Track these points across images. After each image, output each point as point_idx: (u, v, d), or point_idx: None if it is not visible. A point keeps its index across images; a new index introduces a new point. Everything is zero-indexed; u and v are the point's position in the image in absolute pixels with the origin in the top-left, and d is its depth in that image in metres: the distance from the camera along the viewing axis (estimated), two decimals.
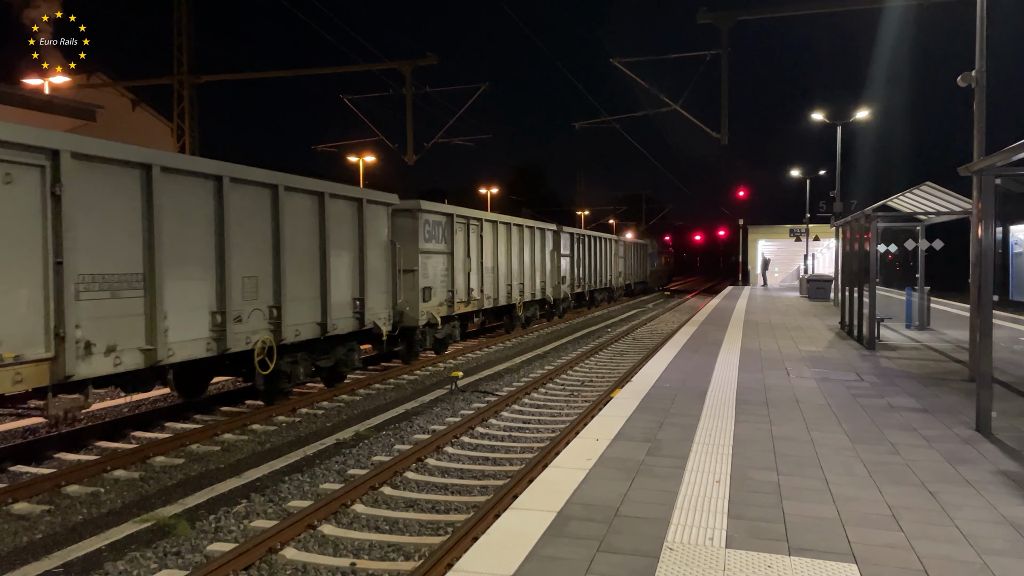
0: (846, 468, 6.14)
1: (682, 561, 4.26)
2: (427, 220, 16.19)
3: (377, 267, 13.78)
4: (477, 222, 19.30)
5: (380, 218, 13.99)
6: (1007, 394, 8.03)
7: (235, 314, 10.04)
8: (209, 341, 9.67)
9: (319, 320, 11.93)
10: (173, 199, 9.11)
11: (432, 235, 16.46)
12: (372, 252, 13.53)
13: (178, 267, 9.18)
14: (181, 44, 21.21)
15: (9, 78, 19.74)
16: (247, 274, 10.33)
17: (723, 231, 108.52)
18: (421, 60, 20.77)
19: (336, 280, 12.31)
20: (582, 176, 71.99)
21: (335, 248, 12.30)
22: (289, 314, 11.05)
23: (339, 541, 6.37)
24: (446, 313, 16.97)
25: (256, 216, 10.59)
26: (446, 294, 17.08)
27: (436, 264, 16.60)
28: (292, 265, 11.18)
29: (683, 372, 11.16)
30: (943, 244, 17.60)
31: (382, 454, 9.15)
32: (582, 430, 7.48)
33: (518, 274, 22.42)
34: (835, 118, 32.03)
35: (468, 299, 18.39)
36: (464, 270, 18.23)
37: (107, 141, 8.49)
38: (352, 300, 12.92)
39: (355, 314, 13.01)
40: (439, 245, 16.81)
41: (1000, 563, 4.25)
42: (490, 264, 20.06)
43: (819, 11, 16.44)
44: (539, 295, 24.67)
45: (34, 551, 6.14)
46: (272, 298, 10.82)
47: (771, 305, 27.84)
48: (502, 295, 21.05)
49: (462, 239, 18.15)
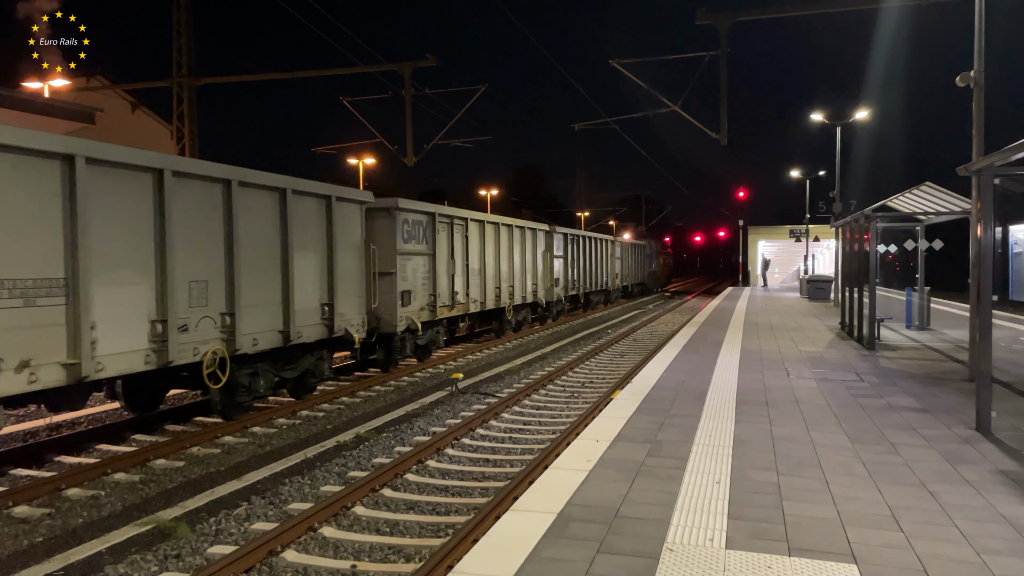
0: (846, 468, 6.14)
1: (682, 562, 4.26)
2: (406, 219, 15.28)
3: (349, 270, 12.95)
4: (462, 222, 18.38)
5: (352, 217, 13.13)
6: (1007, 394, 8.03)
7: (180, 322, 9.16)
8: (148, 353, 8.76)
9: (281, 328, 11.08)
10: (103, 195, 8.22)
11: (412, 235, 15.54)
12: (343, 254, 12.72)
13: (110, 271, 8.30)
14: (181, 47, 21.23)
15: (9, 82, 19.78)
16: (195, 278, 9.47)
17: (723, 232, 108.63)
18: (420, 62, 20.78)
19: (301, 284, 11.49)
20: (582, 177, 71.87)
21: (300, 249, 11.49)
22: (245, 322, 10.19)
23: (340, 543, 6.37)
24: (428, 318, 16.10)
25: (206, 214, 9.72)
26: (428, 298, 16.19)
27: (416, 266, 15.73)
28: (249, 268, 10.32)
29: (683, 373, 11.16)
30: (943, 244, 17.62)
31: (382, 456, 9.15)
32: (582, 431, 7.49)
33: (507, 276, 21.52)
34: (834, 119, 32.08)
35: (452, 303, 17.48)
36: (448, 272, 17.34)
37: (21, 129, 7.60)
38: (320, 306, 12.08)
39: (324, 321, 12.15)
40: (420, 246, 15.92)
41: (1000, 563, 4.25)
42: (477, 266, 19.18)
43: (818, 11, 16.45)
44: (530, 298, 23.80)
45: (34, 554, 6.14)
46: (225, 304, 9.94)
47: (771, 306, 27.84)
48: (490, 298, 20.15)
49: (445, 239, 17.26)
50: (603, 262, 35.22)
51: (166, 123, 27.01)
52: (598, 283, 34.30)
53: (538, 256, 24.70)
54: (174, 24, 21.19)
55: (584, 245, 31.29)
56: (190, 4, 21.35)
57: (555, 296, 26.43)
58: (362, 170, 37.49)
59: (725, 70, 16.46)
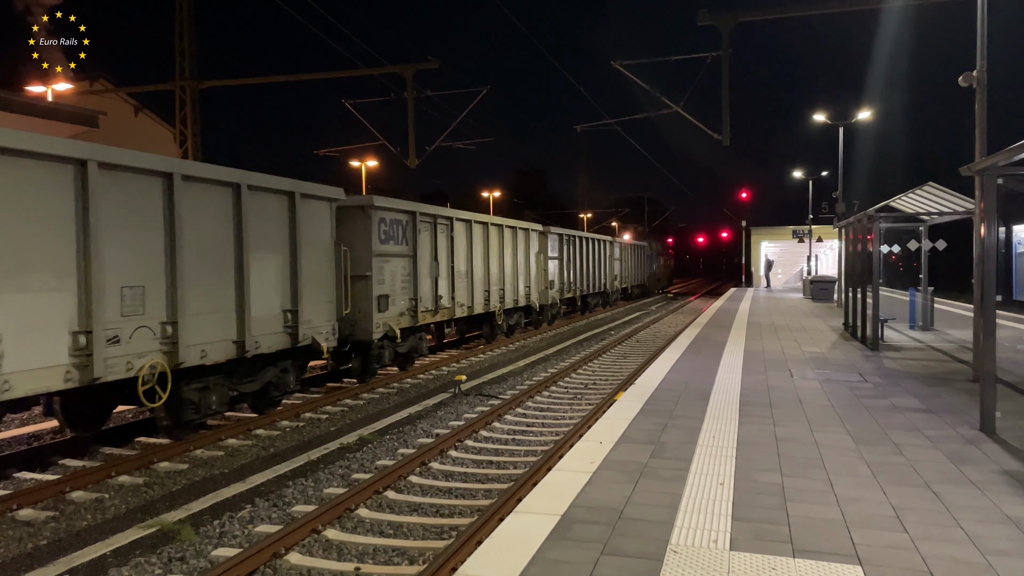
0: (850, 469, 6.13)
1: (686, 563, 4.25)
2: (383, 219, 14.25)
3: (317, 273, 11.97)
4: (446, 221, 17.28)
5: (321, 216, 12.14)
6: (1011, 394, 8.01)
7: (109, 334, 8.17)
8: (69, 369, 7.75)
9: (236, 337, 10.12)
10: (8, 190, 7.29)
11: (390, 236, 14.53)
12: (310, 256, 11.75)
13: (18, 275, 7.33)
14: (183, 50, 21.28)
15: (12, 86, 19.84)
16: (129, 283, 8.50)
17: (726, 233, 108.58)
18: (422, 64, 20.79)
19: (259, 289, 10.50)
20: (584, 178, 71.87)
21: (258, 251, 10.52)
22: (191, 331, 9.22)
23: (343, 545, 6.38)
24: (409, 324, 15.18)
25: (142, 211, 8.75)
26: (408, 303, 15.20)
27: (395, 269, 14.72)
28: (195, 272, 9.38)
29: (687, 374, 11.15)
30: (946, 244, 17.60)
31: (386, 458, 9.15)
32: (586, 433, 7.49)
33: (497, 279, 20.53)
34: (837, 119, 32.03)
35: (436, 307, 16.46)
36: (431, 275, 16.30)
37: None
38: (282, 313, 11.10)
39: (287, 329, 11.20)
40: (399, 247, 14.90)
41: (1005, 563, 4.24)
42: (463, 268, 18.16)
43: (819, 12, 16.43)
44: (523, 302, 22.76)
45: (39, 557, 6.15)
46: (166, 312, 8.96)
47: (774, 306, 27.81)
48: (478, 302, 19.13)
49: (428, 240, 16.25)
50: (601, 263, 34.31)
51: (169, 126, 27.05)
52: (596, 285, 33.36)
53: (531, 257, 23.70)
54: (176, 27, 21.24)
55: (580, 246, 30.37)
56: (192, 7, 21.40)
57: (550, 299, 25.53)
58: (364, 172, 37.56)
59: (727, 71, 16.44)
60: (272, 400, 11.48)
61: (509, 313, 21.79)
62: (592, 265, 32.36)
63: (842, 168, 31.33)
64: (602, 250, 34.57)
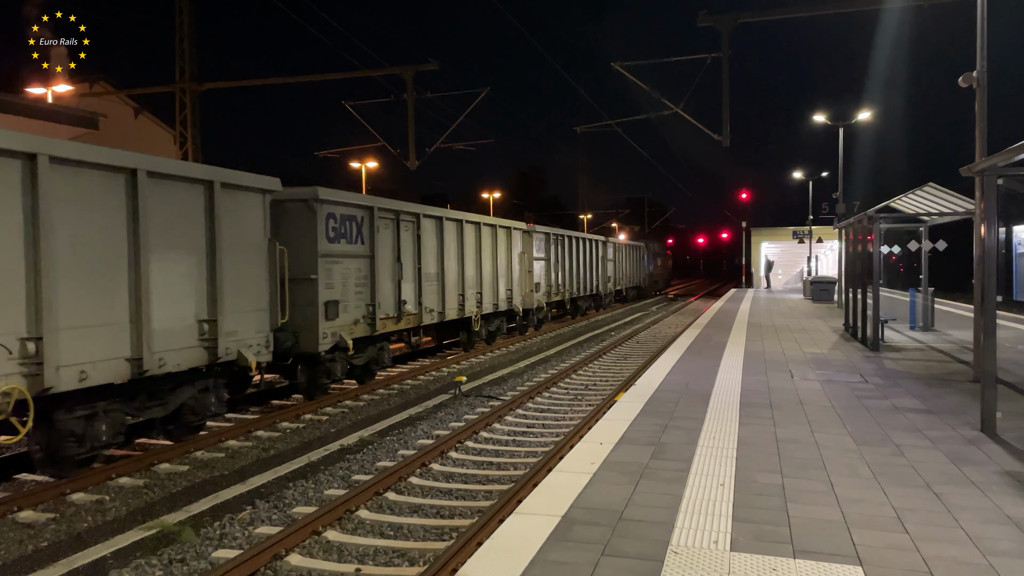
0: (851, 470, 6.13)
1: (686, 564, 4.25)
2: (332, 214, 12.61)
3: (245, 277, 10.30)
4: (412, 218, 15.57)
5: (250, 210, 10.49)
6: (1012, 395, 8.00)
7: None
8: None
9: (130, 354, 8.46)
10: None
11: (342, 233, 12.87)
12: (236, 256, 10.12)
13: None
14: (183, 52, 21.29)
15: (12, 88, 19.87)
16: None
17: (726, 233, 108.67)
18: (422, 66, 20.81)
19: (163, 297, 8.89)
20: (584, 180, 72.02)
21: (162, 251, 8.91)
22: (65, 348, 7.61)
23: (344, 547, 6.37)
24: (365, 333, 13.46)
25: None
26: (364, 309, 13.46)
27: (348, 271, 13.01)
28: (70, 277, 7.78)
29: (687, 375, 11.15)
30: (946, 245, 17.60)
31: (387, 459, 9.15)
32: (586, 434, 7.49)
33: (474, 282, 18.84)
34: (837, 119, 32.06)
35: (399, 314, 14.74)
36: (392, 278, 14.60)
37: None
38: (197, 323, 9.43)
39: (203, 342, 9.54)
40: (353, 246, 13.23)
41: (1006, 564, 4.24)
42: (433, 270, 16.45)
43: (819, 12, 16.45)
44: (504, 306, 21.09)
45: (39, 559, 6.15)
46: (26, 325, 7.32)
47: (774, 307, 27.81)
48: (451, 308, 17.35)
49: (389, 239, 14.57)
50: (593, 265, 32.60)
51: (169, 128, 27.08)
52: (587, 287, 31.72)
53: (514, 258, 22.01)
54: (177, 29, 21.25)
55: (570, 246, 28.64)
56: (193, 9, 21.42)
57: (535, 303, 23.81)
58: (365, 174, 37.59)
59: (727, 72, 16.47)
60: (190, 426, 9.81)
61: (489, 318, 20.25)
62: (583, 266, 30.84)
63: (842, 169, 31.34)
64: (594, 250, 33.00)
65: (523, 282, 22.90)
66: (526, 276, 23.19)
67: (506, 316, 21.79)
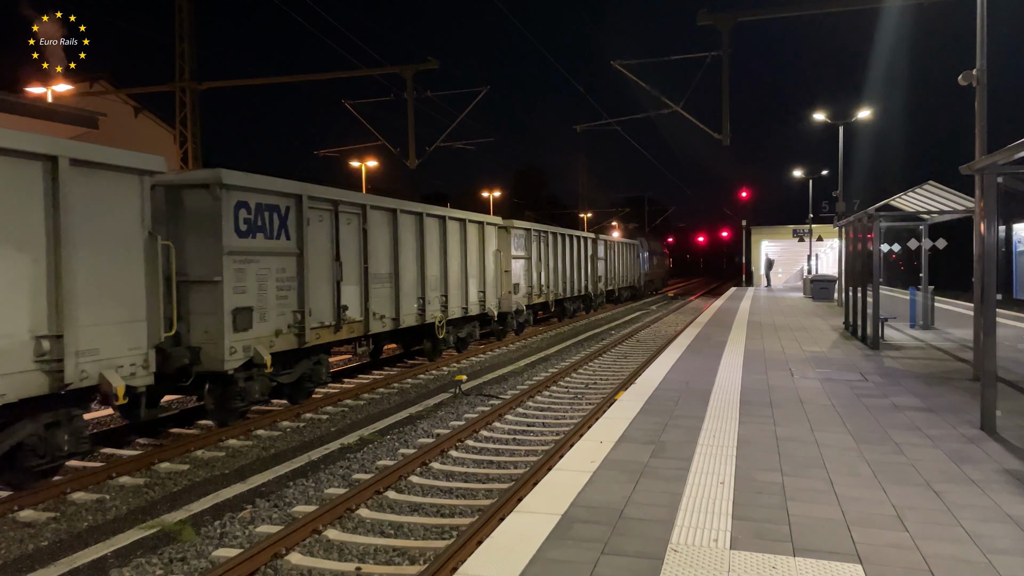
0: (851, 468, 6.13)
1: (686, 563, 4.26)
2: (244, 203, 10.47)
3: (110, 279, 8.21)
4: (356, 210, 13.45)
5: (120, 196, 8.37)
6: (1012, 393, 8.01)
7: None
8: None
9: None
10: None
11: (258, 226, 10.76)
12: (96, 253, 8.03)
13: None
14: (183, 51, 21.29)
15: (12, 87, 19.87)
16: None
17: (726, 232, 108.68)
18: (422, 64, 20.81)
19: None
20: (584, 178, 71.85)
21: None
22: None
23: (344, 546, 6.38)
24: (291, 345, 11.41)
25: None
26: (290, 317, 11.37)
27: (267, 271, 10.89)
28: None
29: (687, 374, 11.15)
30: (946, 243, 17.60)
31: (387, 458, 9.16)
32: (586, 433, 7.49)
33: (437, 283, 16.64)
34: (837, 118, 32.06)
35: (339, 322, 12.66)
36: (329, 280, 12.51)
37: None
38: (33, 340, 7.33)
39: (43, 366, 7.41)
40: (275, 242, 11.13)
41: (1006, 562, 4.24)
42: (384, 270, 14.34)
43: (819, 11, 16.44)
44: (476, 309, 18.94)
45: (40, 558, 6.16)
46: None
47: (774, 306, 27.81)
48: (407, 313, 15.15)
49: (325, 233, 12.47)
50: (581, 263, 30.50)
51: (169, 127, 27.08)
52: (575, 288, 29.58)
53: (488, 256, 19.81)
54: (176, 28, 21.25)
55: (555, 244, 26.67)
56: (192, 8, 21.41)
57: (514, 306, 21.79)
58: (364, 172, 37.60)
59: (727, 70, 16.45)
60: (31, 472, 7.72)
61: (458, 324, 18.09)
62: (570, 265, 28.79)
63: (842, 167, 31.35)
64: (582, 248, 30.75)
65: (499, 283, 20.83)
66: (503, 276, 21.18)
67: (479, 321, 19.70)
